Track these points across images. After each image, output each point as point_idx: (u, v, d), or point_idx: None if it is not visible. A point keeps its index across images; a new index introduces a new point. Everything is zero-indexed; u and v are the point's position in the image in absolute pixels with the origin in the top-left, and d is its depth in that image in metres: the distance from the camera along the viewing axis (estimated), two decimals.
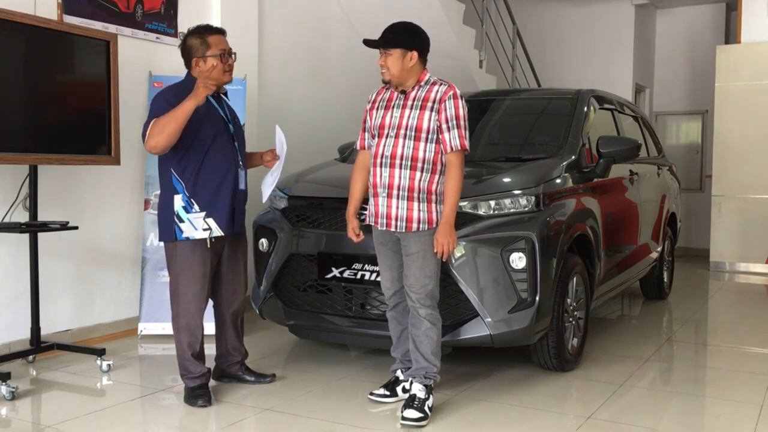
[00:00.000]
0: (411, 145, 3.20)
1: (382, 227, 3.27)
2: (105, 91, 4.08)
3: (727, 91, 8.11)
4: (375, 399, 3.49)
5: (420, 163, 3.20)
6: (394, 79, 3.25)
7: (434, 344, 3.26)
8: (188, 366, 3.43)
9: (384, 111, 3.31)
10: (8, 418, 3.28)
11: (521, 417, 3.32)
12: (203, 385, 3.45)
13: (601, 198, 4.35)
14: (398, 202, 3.21)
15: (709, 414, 3.53)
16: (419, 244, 3.20)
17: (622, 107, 5.50)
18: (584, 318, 4.13)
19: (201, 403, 3.38)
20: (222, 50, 3.40)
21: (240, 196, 3.49)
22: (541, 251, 3.54)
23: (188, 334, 3.41)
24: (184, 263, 3.37)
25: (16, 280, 4.14)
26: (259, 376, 3.73)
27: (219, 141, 3.39)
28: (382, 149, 3.26)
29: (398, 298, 3.41)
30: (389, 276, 3.39)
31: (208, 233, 3.34)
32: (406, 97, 3.27)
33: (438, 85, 3.26)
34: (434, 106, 3.20)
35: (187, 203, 3.34)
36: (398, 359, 3.53)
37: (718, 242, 8.26)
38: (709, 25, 9.69)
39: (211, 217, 3.35)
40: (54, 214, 4.16)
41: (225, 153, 3.41)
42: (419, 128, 3.20)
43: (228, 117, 3.49)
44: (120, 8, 4.67)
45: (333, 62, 6.61)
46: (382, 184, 3.25)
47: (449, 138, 3.19)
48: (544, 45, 9.66)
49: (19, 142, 3.76)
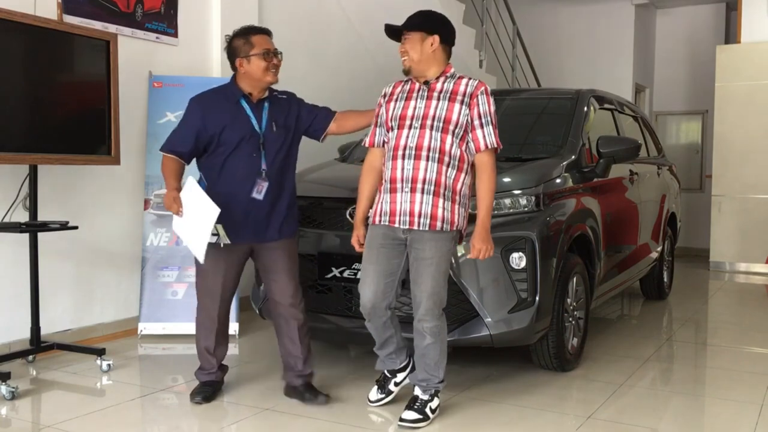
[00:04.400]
0: (438, 137, 3.02)
1: (404, 225, 3.05)
2: (105, 90, 4.08)
3: (727, 91, 8.11)
4: (374, 406, 3.40)
5: (447, 158, 3.03)
6: (414, 65, 3.08)
7: (436, 358, 3.16)
8: (200, 360, 3.53)
9: (405, 102, 3.13)
10: (8, 418, 3.28)
11: (521, 417, 3.32)
12: (210, 382, 3.49)
13: (601, 198, 4.35)
14: (423, 196, 3.01)
15: (709, 414, 3.53)
16: (435, 249, 3.04)
17: (622, 107, 5.50)
18: (584, 318, 4.13)
19: (196, 400, 3.40)
20: (266, 49, 3.31)
21: (256, 207, 3.30)
22: (541, 251, 3.54)
23: (200, 329, 3.49)
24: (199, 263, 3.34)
25: (16, 280, 4.13)
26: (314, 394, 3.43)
27: (242, 149, 3.27)
28: (405, 140, 3.06)
29: (377, 313, 3.16)
30: (374, 287, 3.12)
31: (215, 239, 3.26)
32: (430, 89, 3.10)
33: (467, 79, 3.13)
34: (465, 100, 3.05)
35: None
36: (381, 358, 3.44)
37: (718, 242, 8.26)
38: (709, 25, 9.70)
39: (221, 224, 3.23)
40: (54, 214, 4.16)
41: (245, 161, 3.28)
42: (448, 120, 3.03)
43: (262, 125, 3.33)
44: (120, 8, 4.67)
45: (333, 62, 6.61)
46: (404, 178, 3.04)
47: (483, 135, 3.06)
48: (544, 45, 9.66)
49: (19, 141, 3.76)
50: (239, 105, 3.33)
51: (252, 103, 3.35)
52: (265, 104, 3.38)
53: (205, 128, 3.27)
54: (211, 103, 3.32)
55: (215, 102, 3.33)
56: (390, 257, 3.15)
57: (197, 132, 3.28)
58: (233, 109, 3.31)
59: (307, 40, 6.27)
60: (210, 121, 3.27)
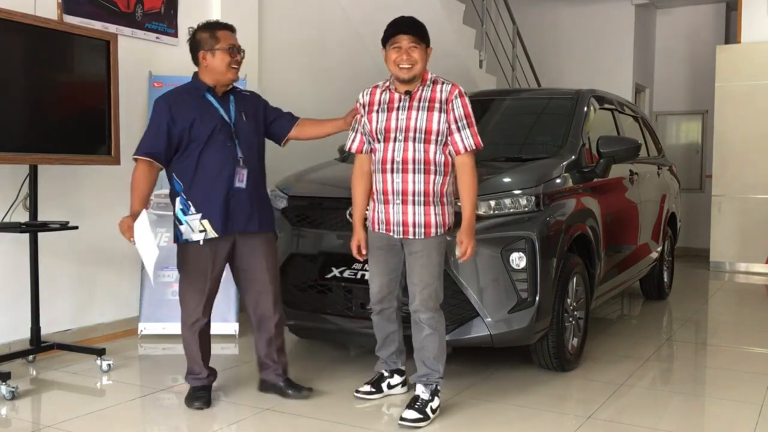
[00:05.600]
0: (422, 149, 3.13)
1: (399, 235, 3.19)
2: (105, 90, 4.08)
3: (727, 91, 8.11)
4: (361, 396, 3.49)
5: (433, 166, 3.14)
6: (417, 75, 3.14)
7: (436, 350, 3.21)
8: (191, 365, 3.44)
9: (387, 114, 3.20)
10: (8, 418, 3.28)
11: (521, 417, 3.32)
12: (204, 387, 3.43)
13: (601, 198, 4.35)
14: (414, 207, 3.14)
15: (709, 414, 3.53)
16: (424, 244, 3.17)
17: (622, 107, 5.50)
18: (584, 318, 4.13)
19: (197, 405, 3.36)
20: (231, 45, 3.34)
21: (240, 195, 3.32)
22: (541, 251, 3.54)
23: (188, 332, 3.40)
24: (184, 263, 3.36)
25: (17, 280, 4.14)
26: (297, 389, 3.51)
27: (215, 140, 3.28)
28: (392, 154, 3.16)
29: (384, 304, 3.37)
30: (379, 282, 3.34)
31: (203, 235, 3.28)
32: (411, 98, 3.17)
33: (441, 84, 3.19)
34: (442, 107, 3.13)
35: (184, 205, 3.31)
36: (382, 359, 3.53)
37: (718, 242, 8.26)
38: (709, 25, 9.69)
39: (207, 219, 3.27)
40: (54, 214, 4.16)
41: (221, 152, 3.28)
42: (429, 130, 3.12)
43: (231, 115, 3.37)
44: (120, 8, 4.67)
45: (333, 62, 6.61)
46: (394, 191, 3.17)
47: (461, 138, 3.13)
48: (544, 45, 9.66)
49: (19, 141, 3.76)
50: (206, 98, 3.34)
51: (218, 96, 3.37)
52: (230, 97, 3.42)
53: (175, 124, 3.25)
54: (178, 99, 3.31)
55: (181, 98, 3.32)
56: (389, 258, 3.31)
57: (168, 129, 3.25)
58: (200, 102, 3.32)
59: (307, 40, 6.27)
60: (178, 117, 3.26)
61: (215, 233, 3.28)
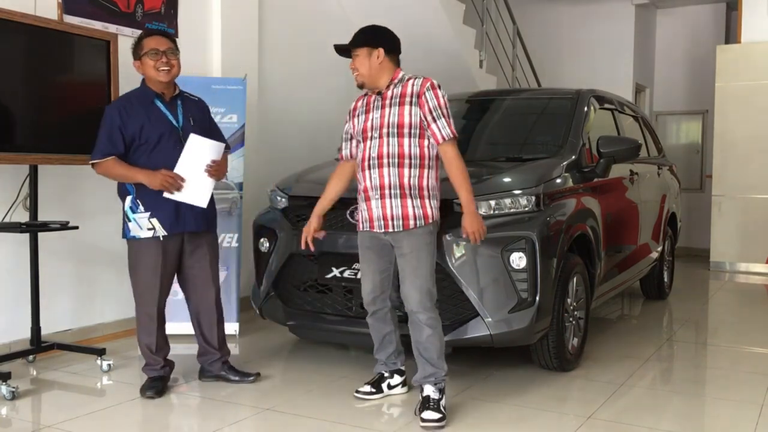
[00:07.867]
0: (395, 143, 3.20)
1: (380, 229, 3.25)
2: (105, 91, 4.08)
3: (727, 91, 8.11)
4: (361, 396, 3.50)
5: (407, 159, 3.20)
6: (366, 79, 3.29)
7: (438, 348, 3.25)
8: (146, 356, 3.62)
9: (365, 115, 3.34)
10: (8, 418, 3.28)
11: (521, 417, 3.32)
12: (159, 377, 3.59)
13: (601, 198, 4.35)
14: (392, 201, 3.20)
15: (710, 414, 3.53)
16: (412, 244, 3.20)
17: (622, 107, 5.50)
18: (584, 318, 4.13)
19: (149, 395, 3.50)
20: (152, 48, 3.47)
21: None
22: (541, 251, 3.54)
23: (141, 326, 3.59)
24: (134, 259, 3.55)
25: (17, 280, 4.13)
26: (242, 375, 3.74)
27: (164, 143, 3.45)
28: (368, 151, 3.27)
29: (378, 305, 3.41)
30: (371, 281, 3.39)
31: (152, 233, 3.45)
32: (383, 98, 3.29)
33: (413, 79, 3.28)
34: (414, 100, 3.21)
35: (133, 203, 3.48)
36: (381, 361, 3.55)
37: (718, 242, 8.26)
38: (709, 25, 9.69)
39: (156, 218, 3.45)
40: (54, 214, 4.16)
41: (169, 155, 3.43)
42: (401, 124, 3.20)
43: (179, 119, 3.52)
44: (120, 8, 4.67)
45: (333, 62, 6.57)
46: (373, 186, 3.25)
47: (438, 128, 3.20)
48: (544, 45, 9.65)
49: (19, 141, 3.76)
50: (154, 104, 3.50)
51: (165, 102, 3.52)
52: (178, 101, 3.56)
53: (125, 127, 3.43)
54: (127, 105, 3.49)
55: (130, 104, 3.49)
56: (378, 256, 3.36)
57: (120, 131, 3.42)
58: (148, 108, 3.49)
59: (307, 40, 6.27)
60: (128, 121, 3.43)
61: (164, 231, 3.46)
